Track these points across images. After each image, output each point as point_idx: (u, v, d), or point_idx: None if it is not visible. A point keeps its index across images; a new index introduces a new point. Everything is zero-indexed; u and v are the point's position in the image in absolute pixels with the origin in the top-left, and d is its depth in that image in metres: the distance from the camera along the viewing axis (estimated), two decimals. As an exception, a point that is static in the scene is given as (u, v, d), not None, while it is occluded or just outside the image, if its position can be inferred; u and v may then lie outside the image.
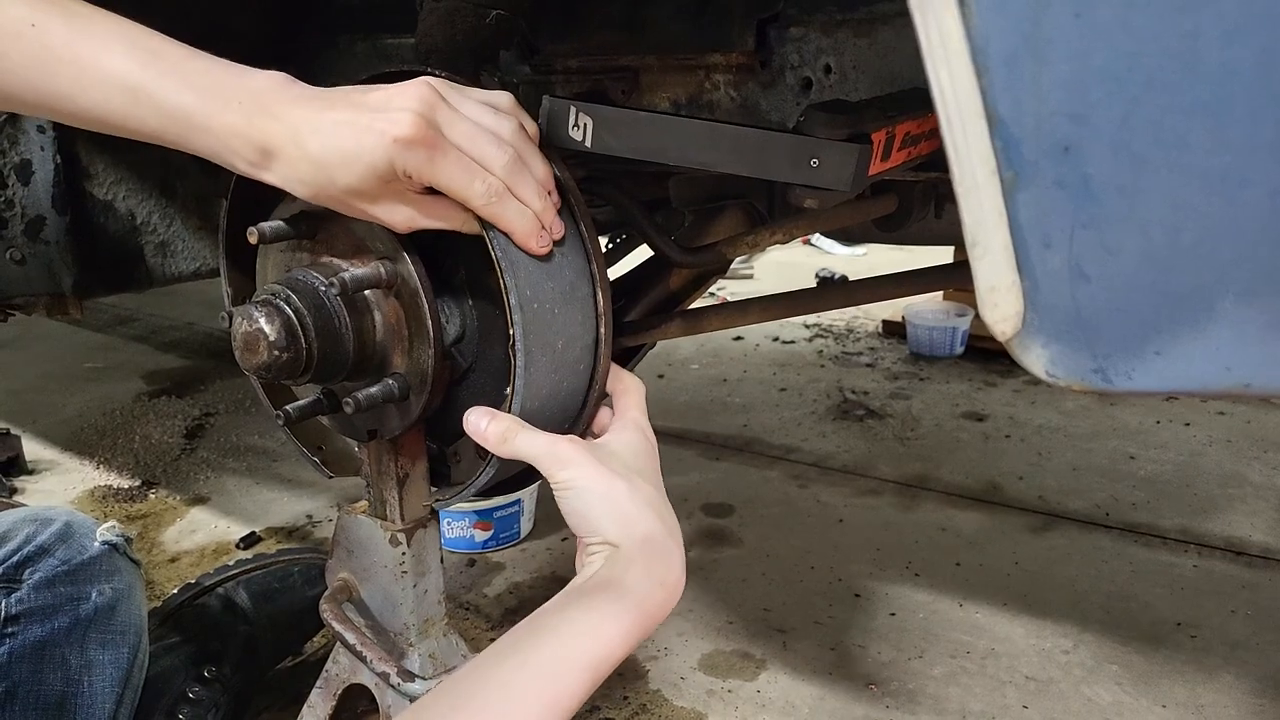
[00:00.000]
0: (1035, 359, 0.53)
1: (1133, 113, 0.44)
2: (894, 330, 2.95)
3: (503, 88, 1.16)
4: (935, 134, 0.98)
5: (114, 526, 1.19)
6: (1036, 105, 0.45)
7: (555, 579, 1.66)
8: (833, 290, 1.22)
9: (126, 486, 2.08)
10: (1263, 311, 0.47)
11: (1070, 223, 0.48)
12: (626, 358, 1.28)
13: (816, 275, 3.69)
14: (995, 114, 0.46)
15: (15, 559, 1.09)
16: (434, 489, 1.00)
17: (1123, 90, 0.44)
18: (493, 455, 0.87)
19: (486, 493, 1.02)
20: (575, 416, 0.94)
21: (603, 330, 0.90)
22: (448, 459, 0.98)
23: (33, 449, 2.25)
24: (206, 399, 2.61)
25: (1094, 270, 0.48)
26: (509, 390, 0.83)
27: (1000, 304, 0.51)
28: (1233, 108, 0.42)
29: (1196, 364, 0.49)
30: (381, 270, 0.83)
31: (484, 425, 0.77)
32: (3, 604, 1.04)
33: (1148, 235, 0.47)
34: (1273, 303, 0.46)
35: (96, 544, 1.15)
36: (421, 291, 0.84)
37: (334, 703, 1.07)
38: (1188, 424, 2.26)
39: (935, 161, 1.02)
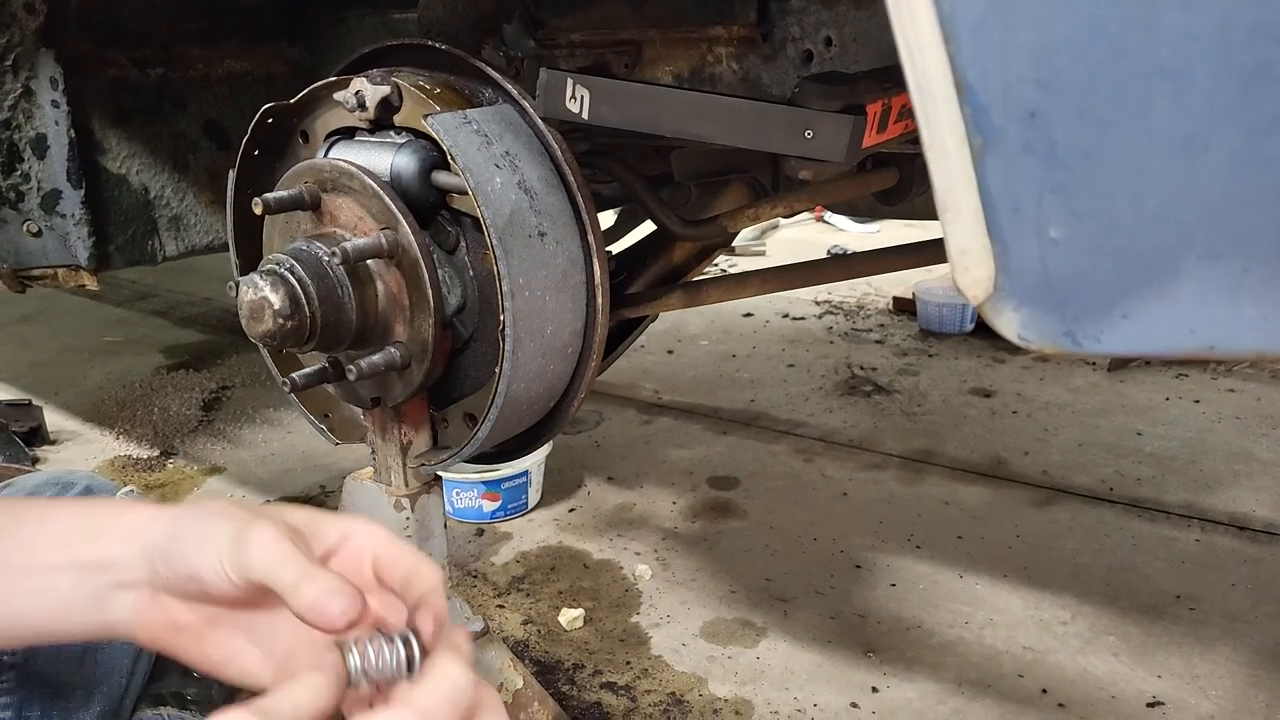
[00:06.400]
0: (1007, 322, 0.54)
1: (1096, 78, 0.45)
2: (904, 307, 2.95)
3: (507, 62, 1.17)
4: (931, 106, 0.99)
5: (132, 490, 1.23)
6: (1003, 71, 0.46)
7: (561, 548, 1.69)
8: (833, 263, 1.23)
9: (145, 456, 2.13)
10: (1225, 274, 0.48)
11: (1038, 187, 0.49)
12: (628, 330, 1.30)
13: (828, 252, 3.68)
14: (963, 81, 0.47)
15: (36, 521, 1.12)
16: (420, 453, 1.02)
17: (1086, 56, 0.45)
18: (481, 422, 0.90)
19: (483, 459, 1.04)
20: (560, 398, 0.97)
21: (598, 316, 0.92)
22: (435, 423, 1.01)
23: (54, 420, 2.30)
24: (223, 372, 2.65)
25: (1062, 234, 0.50)
26: (497, 370, 0.86)
27: (971, 268, 0.52)
28: (1192, 73, 0.43)
29: (1161, 327, 0.51)
30: (382, 240, 0.85)
31: None
32: (24, 563, 1.08)
33: (1113, 199, 0.48)
34: (1234, 265, 0.48)
35: (114, 507, 1.18)
36: (422, 262, 0.85)
37: (341, 662, 1.10)
38: (1197, 401, 2.25)
39: (933, 134, 1.03)
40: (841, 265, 1.24)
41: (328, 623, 0.50)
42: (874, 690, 1.32)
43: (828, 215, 4.18)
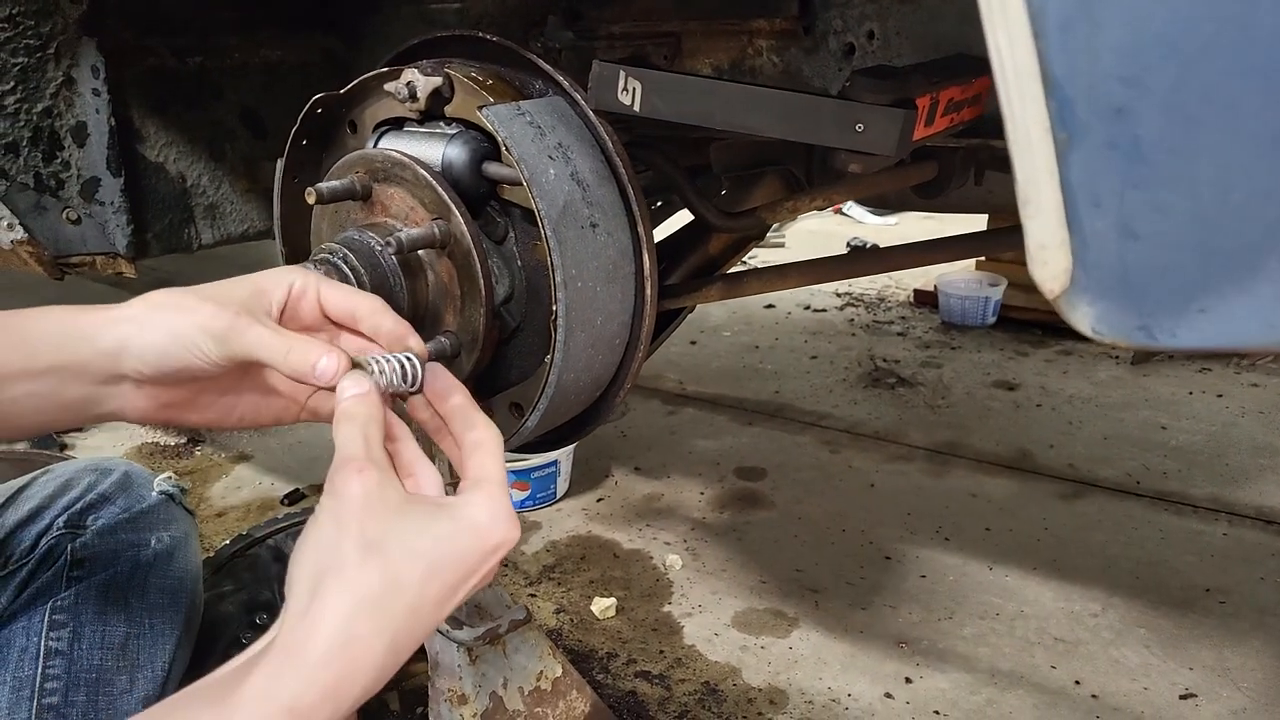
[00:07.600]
0: (1082, 316, 0.54)
1: (1186, 76, 0.45)
2: (925, 300, 2.94)
3: (546, 52, 1.18)
4: (978, 100, 0.99)
5: (170, 477, 1.24)
6: (1090, 68, 0.47)
7: (591, 538, 1.70)
8: (868, 256, 1.23)
9: (173, 444, 2.14)
10: (1308, 270, 0.48)
11: (1120, 183, 0.49)
12: (666, 321, 1.31)
13: (848, 244, 3.68)
14: (1051, 76, 0.47)
15: (78, 506, 1.13)
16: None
17: (1177, 54, 0.45)
18: (530, 412, 0.91)
19: (525, 449, 1.05)
20: (605, 388, 0.98)
21: (646, 307, 0.92)
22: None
23: (81, 407, 2.32)
24: (246, 360, 2.67)
25: (1143, 229, 0.50)
26: (547, 360, 0.86)
27: (1050, 262, 0.52)
28: (1285, 70, 0.44)
29: (1240, 321, 0.51)
30: (435, 230, 0.86)
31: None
32: (69, 548, 1.09)
33: (1197, 195, 0.48)
34: (1318, 262, 0.48)
35: (154, 494, 1.20)
36: (474, 252, 0.86)
37: (384, 648, 1.11)
38: (1220, 395, 2.25)
39: (977, 128, 1.03)
40: (877, 259, 1.24)
41: (319, 381, 0.62)
42: (907, 680, 1.32)
43: (846, 207, 4.17)
